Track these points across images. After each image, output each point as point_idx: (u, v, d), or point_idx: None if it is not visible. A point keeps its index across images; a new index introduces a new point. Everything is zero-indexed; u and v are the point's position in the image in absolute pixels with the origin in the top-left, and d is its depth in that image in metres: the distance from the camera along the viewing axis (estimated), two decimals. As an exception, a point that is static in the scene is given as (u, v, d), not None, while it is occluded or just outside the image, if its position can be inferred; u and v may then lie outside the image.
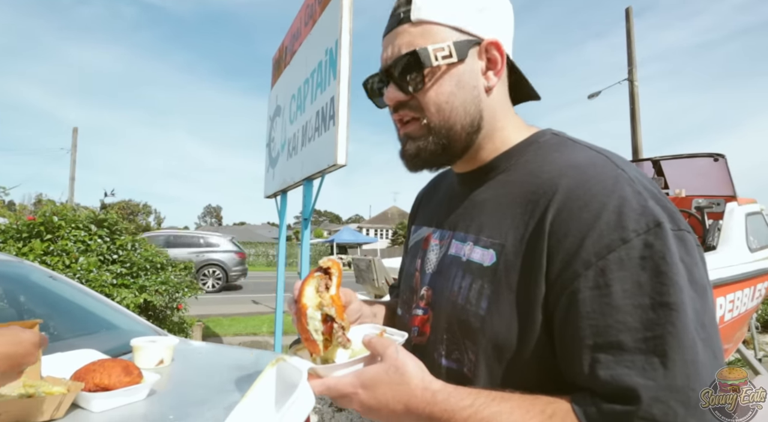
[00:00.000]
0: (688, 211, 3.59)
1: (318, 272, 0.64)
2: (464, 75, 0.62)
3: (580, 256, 0.49)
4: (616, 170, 0.54)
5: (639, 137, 10.28)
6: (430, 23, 0.61)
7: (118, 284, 3.63)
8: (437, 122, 0.62)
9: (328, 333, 0.61)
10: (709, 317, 0.48)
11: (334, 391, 0.54)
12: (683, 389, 0.44)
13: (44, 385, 0.98)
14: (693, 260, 0.49)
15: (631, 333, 0.46)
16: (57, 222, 3.60)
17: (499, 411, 0.49)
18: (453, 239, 0.66)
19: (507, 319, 0.55)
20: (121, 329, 1.79)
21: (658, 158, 4.46)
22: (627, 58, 10.48)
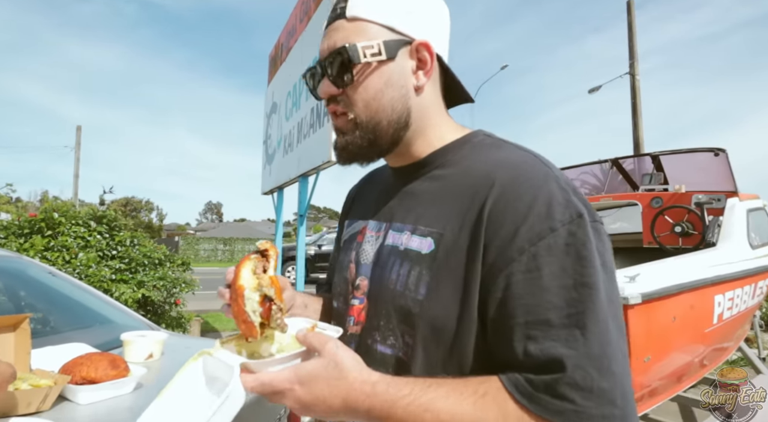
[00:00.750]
0: (687, 207, 3.56)
1: (255, 255, 0.63)
2: (393, 73, 0.64)
3: (515, 243, 0.54)
4: (544, 167, 0.60)
5: (640, 132, 10.21)
6: (363, 20, 0.63)
7: (117, 279, 3.66)
8: (364, 118, 0.65)
9: (266, 316, 0.59)
10: (615, 294, 0.55)
11: (269, 387, 0.53)
12: (598, 357, 0.49)
13: (32, 378, 0.98)
14: (605, 247, 0.56)
15: (557, 310, 0.51)
16: (57, 219, 3.63)
17: (435, 397, 0.52)
18: (390, 229, 0.69)
19: (445, 303, 0.58)
20: (115, 323, 1.80)
21: (657, 153, 4.42)
22: (628, 52, 10.40)
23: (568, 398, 0.48)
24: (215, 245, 30.47)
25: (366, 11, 0.63)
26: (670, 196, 3.80)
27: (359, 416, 0.54)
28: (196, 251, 28.31)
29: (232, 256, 29.95)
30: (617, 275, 2.36)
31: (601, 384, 0.49)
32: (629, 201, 4.14)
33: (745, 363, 4.49)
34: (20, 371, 1.05)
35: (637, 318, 2.09)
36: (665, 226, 3.69)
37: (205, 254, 29.16)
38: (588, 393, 0.48)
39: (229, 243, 30.74)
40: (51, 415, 0.95)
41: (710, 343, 2.83)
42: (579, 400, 0.48)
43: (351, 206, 0.86)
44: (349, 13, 0.63)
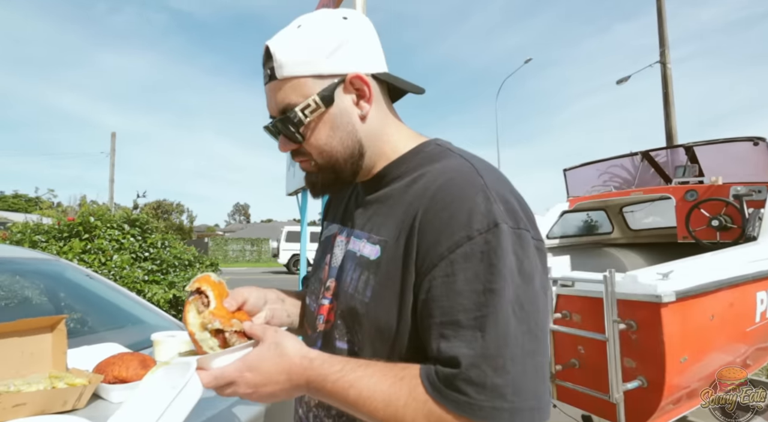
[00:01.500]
0: (725, 199, 3.39)
1: (192, 296, 0.69)
2: (336, 117, 0.69)
3: (437, 250, 0.59)
4: (476, 177, 0.62)
5: (673, 122, 9.81)
6: (294, 78, 0.67)
7: (149, 280, 3.79)
8: (322, 163, 0.71)
9: (224, 345, 0.65)
10: (529, 299, 0.58)
11: (222, 379, 0.60)
12: (494, 356, 0.54)
13: (68, 377, 1.03)
14: (525, 253, 0.59)
15: (466, 313, 0.56)
16: (94, 222, 3.79)
17: (361, 376, 0.58)
18: (352, 236, 0.74)
19: (387, 305, 0.64)
20: (147, 323, 1.87)
21: (691, 144, 4.23)
22: (659, 39, 9.99)
23: (464, 391, 0.54)
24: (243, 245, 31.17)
25: (293, 69, 0.66)
26: (705, 188, 3.63)
27: (302, 388, 0.61)
28: (225, 251, 29.04)
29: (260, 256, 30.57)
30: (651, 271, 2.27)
31: (494, 381, 0.53)
32: (662, 195, 3.98)
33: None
34: (57, 370, 1.10)
35: (672, 316, 2.00)
36: (701, 220, 3.53)
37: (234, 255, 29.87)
38: (481, 388, 0.53)
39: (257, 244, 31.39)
40: (85, 413, 0.99)
41: (753, 342, 2.69)
42: (473, 394, 0.54)
43: (328, 209, 0.93)
44: (279, 74, 0.67)
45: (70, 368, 1.12)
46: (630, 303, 2.09)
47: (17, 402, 0.89)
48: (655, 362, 2.04)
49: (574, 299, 2.41)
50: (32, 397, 0.92)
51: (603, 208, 4.83)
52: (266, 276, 17.53)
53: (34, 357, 1.08)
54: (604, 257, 4.82)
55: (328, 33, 0.67)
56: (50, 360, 1.10)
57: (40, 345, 1.09)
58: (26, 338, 1.07)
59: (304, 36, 0.67)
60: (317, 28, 0.67)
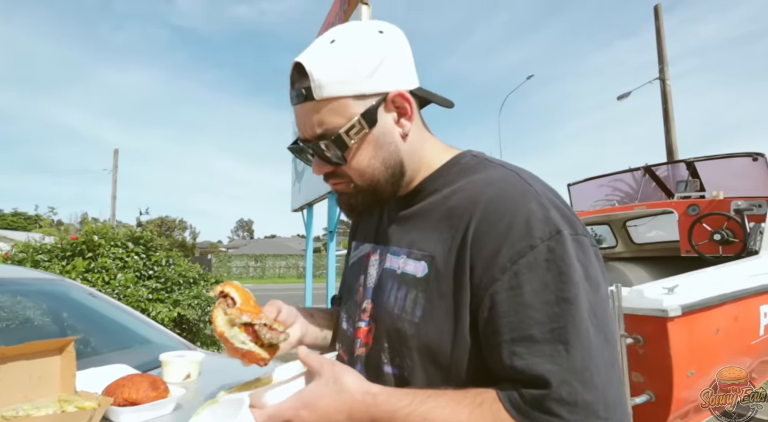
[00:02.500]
0: (726, 214, 3.40)
1: (218, 300, 0.68)
2: (380, 137, 0.65)
3: (497, 262, 0.56)
4: (525, 185, 0.61)
5: (673, 138, 9.87)
6: (334, 99, 0.62)
7: (154, 298, 3.79)
8: (362, 185, 0.67)
9: (256, 338, 0.64)
10: (599, 306, 0.55)
11: (277, 418, 0.56)
12: (581, 370, 0.51)
13: (77, 400, 1.03)
14: (588, 259, 0.57)
15: (540, 326, 0.53)
16: (97, 241, 3.81)
17: (434, 406, 0.54)
18: (389, 253, 0.71)
19: (439, 324, 0.60)
20: (154, 343, 1.87)
21: (692, 159, 4.27)
22: (657, 57, 10.14)
23: (556, 413, 0.50)
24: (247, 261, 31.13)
25: (334, 89, 0.61)
26: (707, 203, 3.64)
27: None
28: (229, 268, 28.99)
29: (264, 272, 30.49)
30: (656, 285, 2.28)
31: (585, 397, 0.50)
32: (664, 209, 3.99)
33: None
34: (66, 393, 1.11)
35: (678, 330, 2.00)
36: (703, 234, 3.54)
37: (237, 272, 29.82)
38: (573, 407, 0.50)
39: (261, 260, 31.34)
40: (95, 436, 0.99)
41: (757, 356, 2.67)
42: (566, 415, 0.50)
43: (357, 228, 0.89)
44: (318, 95, 0.61)
45: (79, 391, 1.13)
46: (636, 318, 2.09)
47: (28, 426, 0.90)
48: (663, 376, 2.03)
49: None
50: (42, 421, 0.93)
51: (607, 222, 4.84)
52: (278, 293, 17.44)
53: (42, 380, 1.08)
54: (609, 271, 4.80)
55: (368, 49, 0.62)
56: (58, 383, 1.11)
57: (48, 368, 1.10)
58: (34, 361, 1.08)
59: (342, 53, 0.61)
60: (355, 44, 0.62)
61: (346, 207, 0.71)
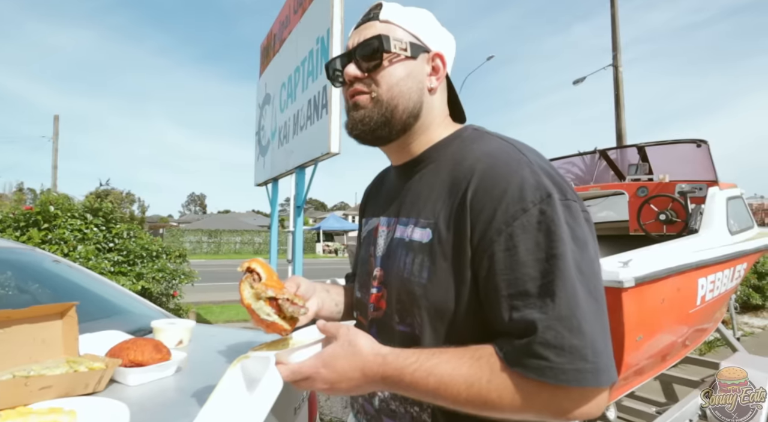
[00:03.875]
0: (671, 196, 3.73)
1: (245, 275, 0.74)
2: (414, 69, 0.75)
3: (494, 225, 0.62)
4: (519, 155, 0.66)
5: (623, 123, 10.47)
6: (394, 24, 0.75)
7: (116, 271, 3.66)
8: (385, 98, 0.73)
9: (279, 311, 0.70)
10: (586, 263, 0.60)
11: (299, 374, 0.63)
12: (567, 317, 0.55)
13: (85, 361, 1.04)
14: (576, 222, 0.62)
15: (533, 281, 0.58)
16: (53, 211, 3.59)
17: (438, 362, 0.59)
18: (397, 224, 0.77)
19: (444, 285, 0.66)
20: (134, 312, 1.85)
21: (643, 144, 4.59)
22: (612, 44, 10.60)
23: (543, 356, 0.55)
24: (200, 237, 30.12)
25: (396, 17, 0.75)
26: (655, 185, 3.96)
27: (377, 384, 0.62)
28: (181, 243, 27.93)
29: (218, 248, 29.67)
30: (612, 260, 2.49)
31: (572, 342, 0.54)
32: (616, 190, 4.30)
33: (721, 344, 4.75)
34: (70, 355, 1.11)
35: (631, 300, 2.22)
36: (651, 214, 3.86)
37: (191, 247, 28.80)
38: (560, 350, 0.54)
39: (215, 235, 30.41)
40: (106, 395, 1.01)
41: (693, 324, 3.01)
42: (553, 357, 0.54)
43: (366, 205, 0.96)
44: (382, 17, 0.75)
45: (82, 354, 1.13)
46: (594, 289, 2.29)
47: (44, 385, 0.91)
48: (616, 341, 2.24)
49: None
50: (57, 380, 0.93)
51: (563, 202, 5.13)
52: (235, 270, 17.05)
53: (45, 343, 1.08)
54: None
55: (431, 20, 0.78)
56: (62, 346, 1.10)
57: (51, 331, 1.09)
58: (37, 325, 1.07)
59: (414, 9, 0.77)
60: (425, 12, 0.79)
61: (358, 117, 0.74)
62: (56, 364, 1.00)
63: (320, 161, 3.77)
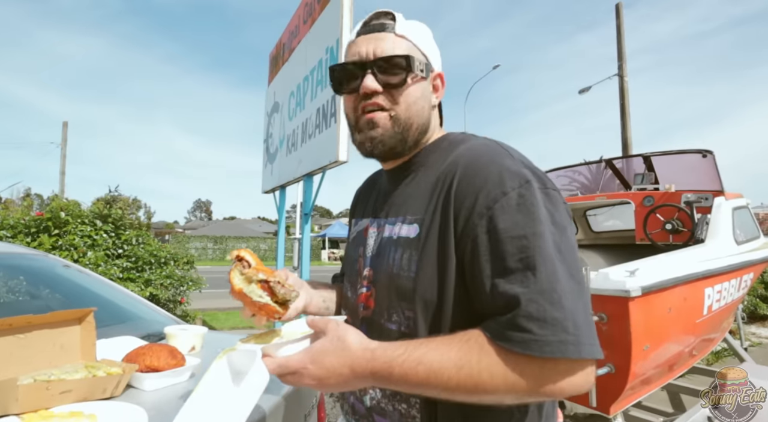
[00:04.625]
0: (677, 205, 3.73)
1: (234, 263, 0.75)
2: (426, 89, 0.79)
3: (476, 210, 0.64)
4: (500, 149, 0.70)
5: (629, 132, 10.47)
6: (410, 41, 0.76)
7: (125, 278, 3.70)
8: (403, 117, 0.75)
9: (271, 293, 0.71)
10: (565, 245, 0.61)
11: (286, 368, 0.62)
12: (548, 291, 0.57)
13: (103, 366, 1.06)
14: (555, 207, 0.64)
15: (512, 257, 0.60)
16: (64, 218, 3.64)
17: (426, 351, 0.59)
18: (386, 224, 0.79)
19: (431, 276, 0.68)
20: (146, 318, 1.87)
21: (648, 154, 4.60)
22: (617, 53, 10.64)
23: (527, 328, 0.55)
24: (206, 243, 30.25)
25: (412, 35, 0.77)
26: (661, 195, 3.96)
27: (367, 380, 0.61)
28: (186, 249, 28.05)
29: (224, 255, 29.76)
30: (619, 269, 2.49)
31: (553, 314, 0.55)
32: (622, 199, 4.30)
33: (729, 354, 4.71)
34: (88, 360, 1.13)
35: (638, 309, 2.23)
36: (657, 224, 3.86)
37: (196, 253, 28.90)
38: (543, 322, 0.55)
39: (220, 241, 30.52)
40: (123, 400, 1.03)
41: (700, 333, 2.99)
42: (536, 330, 0.55)
43: (356, 206, 0.98)
44: (399, 31, 0.76)
45: (99, 359, 1.15)
46: (602, 298, 2.30)
47: (64, 389, 0.93)
48: (623, 350, 2.26)
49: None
50: (76, 385, 0.96)
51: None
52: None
53: (64, 348, 1.10)
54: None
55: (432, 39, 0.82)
56: (80, 351, 1.13)
57: (69, 336, 1.12)
58: (56, 330, 1.09)
59: (420, 25, 0.80)
60: (429, 32, 0.81)
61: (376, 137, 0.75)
62: (75, 369, 1.03)
63: (328, 169, 3.80)
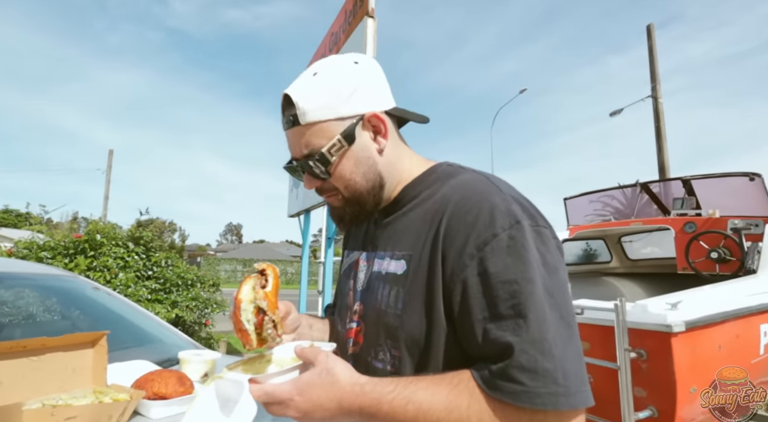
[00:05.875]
0: (724, 232, 3.48)
1: (255, 274, 0.72)
2: (358, 153, 0.74)
3: (466, 250, 0.63)
4: (491, 186, 0.68)
5: (665, 155, 10.08)
6: (317, 123, 0.71)
7: (153, 299, 3.76)
8: (348, 195, 0.75)
9: (259, 326, 0.68)
10: (557, 289, 0.60)
11: (272, 397, 0.61)
12: (540, 340, 0.56)
13: (111, 392, 1.04)
14: (546, 247, 0.63)
15: (503, 303, 0.59)
16: (100, 240, 3.78)
17: (415, 390, 0.59)
18: (375, 258, 0.78)
19: (419, 314, 0.67)
20: (165, 341, 1.87)
21: (688, 177, 4.38)
22: (650, 75, 10.39)
23: (518, 380, 0.55)
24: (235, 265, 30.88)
25: (315, 114, 0.71)
26: (704, 221, 3.73)
27: (354, 415, 0.60)
28: (217, 271, 28.68)
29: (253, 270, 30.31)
30: (659, 301, 2.32)
31: (544, 365, 0.55)
32: (661, 226, 4.08)
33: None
34: (98, 385, 1.12)
35: (682, 346, 2.05)
36: (700, 252, 3.62)
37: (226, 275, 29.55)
38: (534, 374, 0.54)
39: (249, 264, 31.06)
40: (129, 428, 1.00)
41: (757, 375, 2.72)
42: (527, 381, 0.54)
43: (348, 238, 0.96)
44: (303, 120, 0.71)
45: (110, 384, 1.13)
46: (640, 332, 2.13)
47: (70, 415, 0.91)
48: (666, 392, 2.07)
49: (583, 326, 2.44)
50: (82, 411, 0.94)
51: (602, 237, 4.91)
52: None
53: (76, 372, 1.09)
54: (603, 285, 4.88)
55: (344, 78, 0.72)
56: (91, 375, 1.12)
57: (82, 360, 1.11)
58: (70, 353, 1.09)
59: (322, 83, 0.71)
60: (333, 75, 0.72)
61: (337, 218, 0.80)
62: (84, 394, 1.01)
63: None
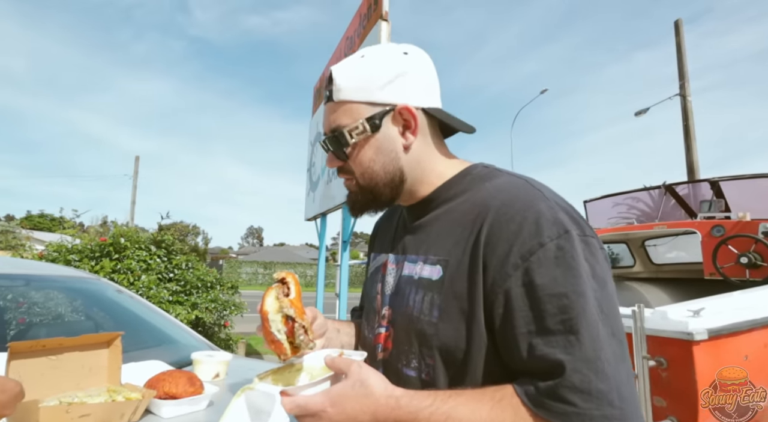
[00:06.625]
0: (755, 236, 3.34)
1: (276, 284, 0.71)
2: (381, 143, 0.72)
3: (510, 260, 0.59)
4: (533, 190, 0.65)
5: (694, 155, 9.74)
6: (349, 102, 0.71)
7: (174, 301, 3.86)
8: (363, 183, 0.74)
9: (291, 334, 0.67)
10: (606, 302, 0.57)
11: (304, 409, 0.58)
12: (593, 359, 0.53)
13: (124, 391, 1.08)
14: (595, 258, 0.59)
15: (552, 317, 0.55)
16: (124, 243, 3.91)
17: (455, 405, 0.56)
18: (405, 261, 0.75)
19: (455, 323, 0.64)
20: (181, 342, 1.92)
21: (716, 178, 4.22)
22: (678, 73, 10.07)
23: (569, 401, 0.52)
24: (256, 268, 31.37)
25: (349, 93, 0.71)
26: (733, 224, 3.58)
27: None
28: (238, 274, 29.24)
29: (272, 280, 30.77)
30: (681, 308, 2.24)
31: (598, 386, 0.51)
32: (687, 229, 3.94)
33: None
34: (112, 384, 1.15)
35: (704, 355, 1.97)
36: (729, 256, 3.48)
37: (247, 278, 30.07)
38: (587, 395, 0.51)
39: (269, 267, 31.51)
40: (139, 427, 1.03)
41: (788, 386, 2.59)
42: (580, 403, 0.51)
43: (374, 240, 0.94)
44: (336, 97, 0.71)
45: (124, 383, 1.17)
46: (659, 340, 2.06)
47: (83, 413, 0.94)
48: (687, 402, 1.99)
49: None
50: (95, 409, 0.97)
51: (625, 241, 4.78)
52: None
53: (92, 371, 1.13)
54: (626, 290, 4.74)
55: (387, 65, 0.70)
56: (106, 374, 1.16)
57: (97, 359, 1.15)
58: (86, 352, 1.13)
59: (364, 66, 0.71)
60: (378, 60, 0.71)
61: (350, 204, 0.78)
62: (98, 392, 1.05)
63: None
